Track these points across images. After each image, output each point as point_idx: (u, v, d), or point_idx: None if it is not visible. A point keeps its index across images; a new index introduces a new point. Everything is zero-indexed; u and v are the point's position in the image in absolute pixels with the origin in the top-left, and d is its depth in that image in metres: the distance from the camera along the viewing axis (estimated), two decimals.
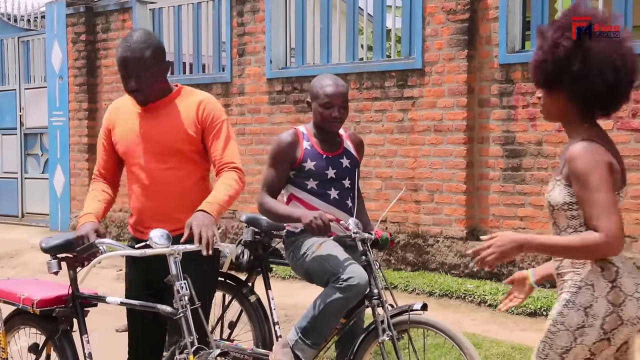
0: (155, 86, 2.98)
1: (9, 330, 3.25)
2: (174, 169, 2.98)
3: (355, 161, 3.80)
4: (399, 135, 7.23)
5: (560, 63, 2.38)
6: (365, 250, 3.53)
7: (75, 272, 3.02)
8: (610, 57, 2.35)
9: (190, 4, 9.04)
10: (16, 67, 11.10)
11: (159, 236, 2.68)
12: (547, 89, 2.48)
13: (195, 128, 2.97)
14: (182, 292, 2.62)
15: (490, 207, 6.74)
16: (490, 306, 5.98)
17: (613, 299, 2.35)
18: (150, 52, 2.92)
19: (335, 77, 3.77)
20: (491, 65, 6.68)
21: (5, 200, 11.22)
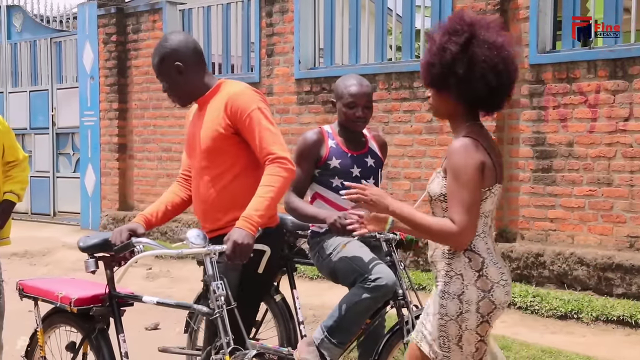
0: (181, 88, 3.01)
1: (47, 329, 3.30)
2: (209, 168, 2.96)
3: (379, 161, 3.82)
4: (427, 135, 7.21)
5: (447, 66, 2.52)
6: (390, 250, 3.52)
7: (112, 272, 3.04)
8: (493, 62, 2.49)
9: (219, 5, 9.10)
10: (49, 68, 11.25)
11: (195, 236, 2.70)
12: (435, 89, 2.63)
13: (225, 124, 2.91)
14: (218, 293, 2.63)
15: (520, 209, 6.70)
16: (519, 308, 5.94)
17: (482, 286, 2.54)
18: (158, 59, 3.00)
19: (360, 77, 3.78)
20: (521, 65, 6.63)
21: (38, 199, 11.38)
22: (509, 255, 6.61)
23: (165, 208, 3.08)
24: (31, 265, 8.38)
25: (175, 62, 2.97)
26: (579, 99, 6.32)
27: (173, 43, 3.00)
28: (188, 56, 3.00)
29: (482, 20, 2.58)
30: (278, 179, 2.82)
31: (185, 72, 2.99)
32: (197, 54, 3.05)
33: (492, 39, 2.51)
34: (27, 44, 11.55)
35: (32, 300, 3.27)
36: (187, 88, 3.01)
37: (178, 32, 3.12)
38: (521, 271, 6.53)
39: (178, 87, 3.01)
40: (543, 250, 6.42)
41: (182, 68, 2.98)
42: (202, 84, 3.03)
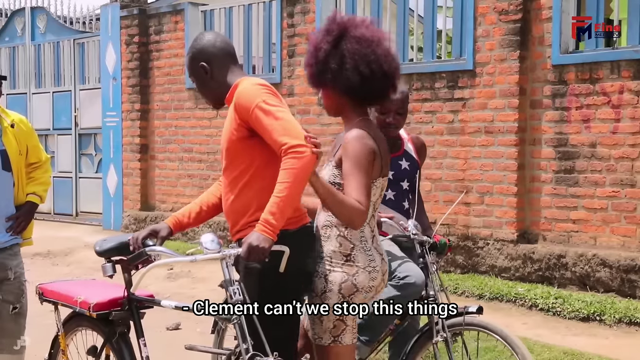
0: (208, 88, 2.99)
1: (68, 332, 3.31)
2: (229, 170, 2.92)
3: (415, 164, 3.80)
4: (449, 136, 7.18)
5: (322, 63, 2.83)
6: (423, 252, 3.51)
7: (130, 275, 3.04)
8: (363, 53, 2.78)
9: (241, 6, 9.12)
10: (71, 69, 11.34)
11: (210, 241, 2.67)
12: (318, 87, 2.93)
13: (236, 124, 2.84)
14: (235, 298, 2.62)
15: (542, 210, 6.65)
16: (541, 310, 5.91)
17: (347, 270, 2.84)
18: (187, 59, 2.99)
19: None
20: (544, 66, 6.58)
21: (60, 199, 11.48)
22: (531, 257, 6.56)
23: (199, 209, 3.04)
24: (53, 265, 8.46)
25: (200, 63, 2.94)
26: (602, 99, 6.25)
27: (200, 43, 2.97)
28: (214, 56, 2.95)
29: (353, 19, 2.88)
30: (292, 172, 2.68)
31: (211, 72, 2.94)
32: (224, 53, 2.97)
33: (361, 34, 2.79)
34: (50, 45, 11.65)
35: (52, 304, 3.28)
36: (213, 88, 2.97)
37: (210, 32, 3.09)
38: (543, 273, 6.49)
39: (205, 87, 2.99)
40: (565, 252, 6.37)
41: (207, 68, 2.94)
42: (227, 83, 2.97)
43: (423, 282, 3.45)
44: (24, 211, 3.72)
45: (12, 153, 3.63)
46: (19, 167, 3.68)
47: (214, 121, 9.20)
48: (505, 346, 3.37)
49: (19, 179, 3.69)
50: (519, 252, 6.65)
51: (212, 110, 9.09)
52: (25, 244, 3.81)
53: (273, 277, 2.74)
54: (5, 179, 3.63)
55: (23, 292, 3.69)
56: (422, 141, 3.96)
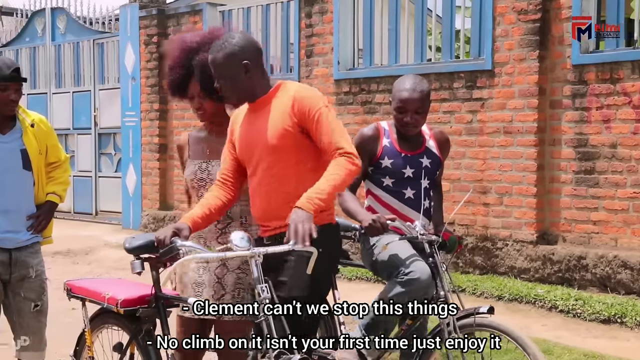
0: (243, 87, 2.98)
1: (94, 329, 3.35)
2: (274, 167, 2.94)
3: (437, 160, 3.75)
4: (467, 136, 7.17)
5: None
6: (432, 252, 3.49)
7: (158, 273, 3.06)
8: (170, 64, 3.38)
9: (259, 6, 9.16)
10: (91, 69, 11.42)
11: (240, 239, 2.69)
12: (180, 96, 3.38)
13: (292, 122, 2.90)
14: (263, 296, 2.65)
15: (562, 211, 6.63)
16: (561, 312, 5.88)
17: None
18: (222, 55, 2.95)
19: (417, 80, 3.69)
20: (564, 66, 6.56)
21: (80, 198, 11.57)
22: (551, 258, 6.54)
23: (209, 211, 3.06)
24: (74, 264, 8.53)
25: (243, 61, 2.93)
26: (622, 99, 6.22)
27: (241, 42, 2.97)
28: (254, 55, 2.98)
29: (205, 35, 3.36)
30: (344, 170, 2.83)
31: (251, 71, 2.96)
32: (260, 54, 3.04)
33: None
34: (70, 46, 11.74)
35: (80, 300, 3.32)
36: (248, 87, 2.98)
37: (241, 31, 3.10)
38: (563, 274, 6.47)
39: (239, 86, 2.98)
40: (585, 253, 6.34)
41: (249, 66, 2.95)
42: (264, 83, 3.01)
43: (428, 278, 3.41)
44: (44, 210, 3.76)
45: (33, 152, 3.68)
46: (39, 166, 3.72)
47: None
48: (517, 347, 3.36)
49: (38, 178, 3.74)
50: (539, 253, 6.64)
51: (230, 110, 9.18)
52: (46, 242, 3.86)
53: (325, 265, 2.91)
54: (25, 178, 3.68)
55: (44, 290, 3.74)
56: (446, 136, 3.90)
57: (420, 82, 3.70)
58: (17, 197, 3.65)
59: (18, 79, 3.58)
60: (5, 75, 3.52)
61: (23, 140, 3.66)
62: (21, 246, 3.67)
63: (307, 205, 2.74)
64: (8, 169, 3.62)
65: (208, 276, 3.38)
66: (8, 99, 3.55)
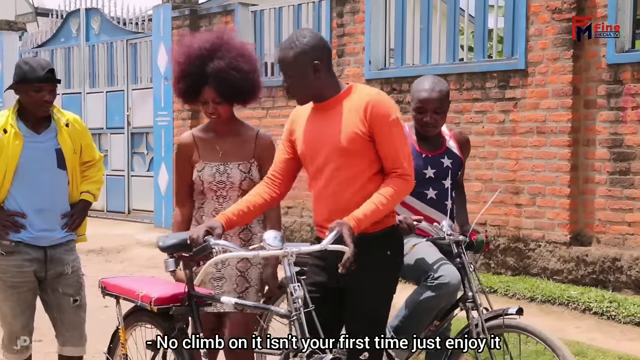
0: (311, 86, 2.95)
1: (128, 327, 3.38)
2: (343, 169, 2.92)
3: (458, 161, 3.76)
4: (499, 137, 7.12)
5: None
6: (460, 252, 3.48)
7: (192, 272, 3.08)
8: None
9: (290, 6, 9.17)
10: (124, 69, 11.53)
11: (273, 238, 2.70)
12: (192, 102, 3.56)
13: (363, 126, 2.87)
14: (295, 295, 2.65)
15: (596, 212, 6.55)
16: (595, 314, 5.82)
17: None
18: (292, 54, 2.92)
19: (436, 81, 3.71)
20: (598, 65, 6.48)
21: (113, 197, 11.69)
22: (584, 259, 6.47)
23: (247, 209, 3.03)
24: (106, 262, 8.62)
25: (314, 61, 2.91)
26: None
27: (312, 41, 2.93)
28: (324, 55, 2.96)
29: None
30: (396, 193, 2.87)
31: (320, 71, 2.93)
32: (330, 54, 3.02)
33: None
34: (104, 46, 11.87)
35: (114, 298, 3.36)
36: (317, 87, 2.95)
37: (310, 30, 3.06)
38: (597, 276, 6.39)
39: (308, 85, 2.95)
40: (620, 255, 6.26)
41: (319, 66, 2.92)
42: (334, 84, 2.99)
43: (458, 282, 3.42)
44: (78, 209, 3.81)
45: (67, 152, 3.72)
46: (73, 165, 3.77)
47: (263, 120, 9.26)
48: (546, 348, 3.33)
49: (73, 178, 3.79)
50: (572, 255, 6.56)
51: (261, 109, 9.24)
52: (80, 240, 3.91)
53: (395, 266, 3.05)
54: (60, 177, 3.73)
55: (81, 285, 3.80)
56: (466, 137, 3.92)
57: (439, 82, 3.71)
58: (51, 196, 3.70)
59: (52, 80, 3.61)
60: (40, 76, 3.56)
61: (58, 140, 3.70)
62: (56, 244, 3.72)
63: (349, 220, 2.79)
64: (43, 168, 3.66)
65: (229, 270, 3.43)
66: (42, 99, 3.59)
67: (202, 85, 3.41)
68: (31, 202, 3.65)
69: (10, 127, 3.59)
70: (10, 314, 3.70)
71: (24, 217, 3.63)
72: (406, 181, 2.89)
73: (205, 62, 3.38)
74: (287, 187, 3.16)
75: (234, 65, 3.39)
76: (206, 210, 3.53)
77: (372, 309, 2.96)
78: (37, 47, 12.90)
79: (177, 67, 3.47)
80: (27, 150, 3.61)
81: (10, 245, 3.63)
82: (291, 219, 8.85)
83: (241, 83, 3.42)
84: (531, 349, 4.45)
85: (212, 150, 3.51)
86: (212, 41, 3.43)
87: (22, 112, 3.66)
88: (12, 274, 3.65)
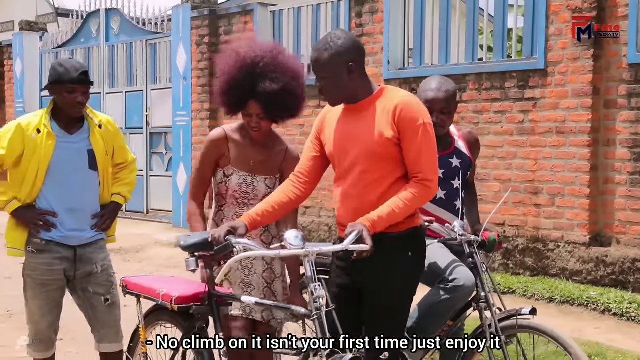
0: (344, 88, 2.94)
1: (148, 326, 3.41)
2: (370, 171, 2.93)
3: (467, 160, 3.77)
4: (519, 137, 7.09)
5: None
6: (472, 252, 3.48)
7: (212, 271, 3.10)
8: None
9: (309, 6, 9.19)
10: (144, 69, 11.60)
11: (294, 237, 2.71)
12: (236, 114, 3.49)
13: (392, 130, 2.87)
14: (316, 294, 2.66)
15: (616, 212, 6.50)
16: (615, 315, 5.79)
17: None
18: (327, 56, 2.90)
19: (442, 81, 3.71)
20: (619, 65, 6.44)
21: (132, 197, 11.60)
22: (604, 260, 6.43)
23: (272, 208, 3.03)
24: (125, 262, 8.66)
25: (348, 63, 2.89)
26: None
27: (347, 42, 2.92)
28: (359, 57, 2.95)
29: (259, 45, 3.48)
30: (414, 199, 2.87)
31: (354, 73, 2.92)
32: (364, 56, 3.02)
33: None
34: (123, 46, 11.94)
35: (135, 297, 3.39)
36: (351, 89, 2.94)
37: (344, 31, 3.04)
38: (617, 277, 6.35)
39: (342, 87, 2.94)
40: None
41: (353, 68, 2.91)
42: (366, 86, 2.97)
43: (473, 284, 3.42)
44: (108, 210, 3.87)
45: (99, 153, 3.77)
46: (104, 167, 3.81)
47: None
48: (559, 348, 3.31)
49: (104, 179, 3.83)
50: (592, 255, 6.52)
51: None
52: (109, 240, 3.97)
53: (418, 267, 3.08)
54: (92, 178, 3.78)
55: (112, 284, 3.82)
56: (475, 137, 3.92)
57: (446, 82, 3.72)
58: (82, 197, 3.75)
59: (85, 82, 3.67)
60: (73, 78, 3.62)
61: (90, 141, 3.75)
62: (85, 243, 3.77)
63: (365, 220, 2.80)
64: (75, 169, 3.72)
65: (256, 279, 3.42)
66: (75, 101, 3.65)
67: (248, 98, 3.36)
68: (62, 202, 3.70)
69: (43, 127, 3.65)
70: (38, 312, 3.75)
71: (55, 216, 3.68)
72: (427, 187, 2.89)
73: (257, 79, 3.33)
74: (313, 186, 3.15)
75: (288, 89, 3.34)
76: (226, 213, 3.52)
77: (391, 307, 2.97)
78: (57, 48, 13.01)
79: (225, 77, 3.41)
80: (59, 150, 3.67)
81: (41, 243, 3.68)
82: (309, 219, 8.87)
83: (291, 105, 3.39)
84: (550, 350, 4.43)
85: (244, 158, 3.48)
86: (268, 58, 3.37)
87: (56, 112, 3.72)
88: (42, 272, 3.70)
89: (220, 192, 3.53)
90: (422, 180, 2.87)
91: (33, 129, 3.64)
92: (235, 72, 3.37)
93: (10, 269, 6.17)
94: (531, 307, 3.38)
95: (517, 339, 3.41)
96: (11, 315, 5.93)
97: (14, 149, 3.62)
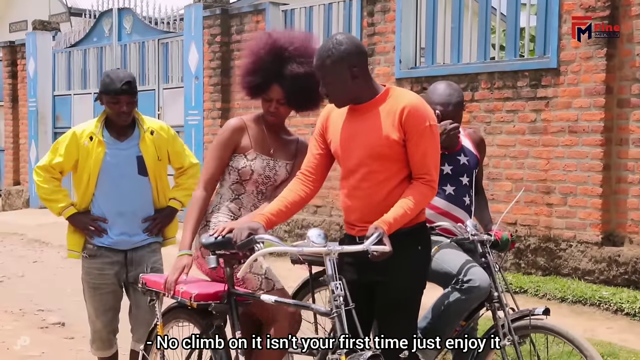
0: (348, 91, 2.96)
1: (166, 323, 3.44)
2: (376, 172, 2.95)
3: (474, 159, 3.80)
4: (531, 136, 7.09)
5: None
6: (485, 252, 3.49)
7: (232, 269, 3.14)
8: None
9: (321, 5, 9.21)
10: (156, 68, 11.64)
11: (317, 235, 2.74)
12: (256, 97, 3.50)
13: (398, 131, 2.90)
14: (336, 293, 2.68)
15: (628, 212, 6.50)
16: (627, 315, 5.78)
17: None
18: (330, 60, 2.91)
19: (449, 87, 3.75)
20: (632, 64, 6.43)
21: None
22: (616, 260, 6.42)
23: (284, 207, 3.06)
24: None
25: (352, 68, 2.91)
26: None
27: (349, 47, 2.92)
28: (362, 60, 2.96)
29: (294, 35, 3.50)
30: (423, 199, 2.95)
31: (358, 77, 2.94)
32: (367, 58, 3.03)
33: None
34: (136, 45, 11.99)
35: (154, 294, 3.42)
36: (355, 91, 2.97)
37: (346, 34, 3.02)
38: (629, 276, 6.34)
39: (346, 91, 2.96)
40: None
41: (357, 73, 2.93)
42: (371, 87, 2.99)
43: (488, 285, 3.42)
44: (162, 214, 3.97)
45: (149, 159, 3.86)
46: (157, 172, 3.91)
47: (292, 119, 9.31)
48: (574, 349, 3.31)
49: (157, 184, 3.93)
50: (604, 255, 6.52)
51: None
52: (168, 243, 4.08)
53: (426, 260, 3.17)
54: (141, 183, 3.88)
55: None
56: (480, 136, 3.96)
57: (451, 94, 3.74)
58: (131, 202, 3.86)
59: (129, 92, 3.75)
60: (117, 89, 3.72)
61: (140, 147, 3.85)
62: (136, 247, 3.89)
63: (380, 223, 2.85)
64: (123, 175, 3.83)
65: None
66: (120, 110, 3.76)
67: (272, 82, 3.38)
68: (112, 207, 3.83)
69: (95, 135, 3.80)
70: (93, 313, 3.93)
71: (106, 221, 3.82)
72: (432, 188, 2.97)
73: (284, 61, 3.35)
74: (320, 183, 3.18)
75: (313, 75, 3.26)
76: (244, 203, 3.48)
77: (404, 301, 3.02)
78: (70, 47, 13.08)
79: (253, 58, 3.43)
80: (108, 157, 3.80)
81: (93, 249, 3.85)
82: (320, 218, 8.90)
83: (313, 93, 3.38)
84: (563, 350, 4.44)
85: (264, 142, 3.49)
86: (298, 43, 3.40)
87: (108, 120, 3.85)
88: (94, 276, 3.86)
89: (242, 179, 3.46)
90: (429, 182, 2.95)
91: (86, 137, 3.79)
92: (264, 53, 3.39)
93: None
94: (544, 307, 3.38)
95: (531, 339, 3.42)
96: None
97: (70, 155, 3.81)
